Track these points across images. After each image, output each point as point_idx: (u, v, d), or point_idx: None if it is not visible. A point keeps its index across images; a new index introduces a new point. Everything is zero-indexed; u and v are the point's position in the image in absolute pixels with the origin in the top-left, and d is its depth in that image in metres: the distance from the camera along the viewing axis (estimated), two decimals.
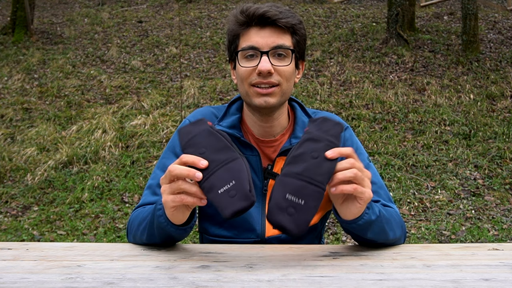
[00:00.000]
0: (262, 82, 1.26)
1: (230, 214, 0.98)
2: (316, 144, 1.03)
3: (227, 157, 1.02)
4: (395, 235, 1.23)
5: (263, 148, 1.38)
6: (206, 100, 6.73)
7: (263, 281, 0.91)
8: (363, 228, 1.12)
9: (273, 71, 1.25)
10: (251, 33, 1.27)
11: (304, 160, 1.02)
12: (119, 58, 8.58)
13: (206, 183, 1.00)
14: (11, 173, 5.30)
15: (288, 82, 1.29)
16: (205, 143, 1.04)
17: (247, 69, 1.27)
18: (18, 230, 4.21)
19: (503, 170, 5.04)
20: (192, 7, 11.37)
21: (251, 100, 1.29)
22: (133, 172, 5.15)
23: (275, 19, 1.25)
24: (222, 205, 0.98)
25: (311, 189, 1.00)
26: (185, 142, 1.06)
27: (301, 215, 1.00)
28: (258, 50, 1.26)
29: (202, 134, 1.05)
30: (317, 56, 8.05)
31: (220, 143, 1.04)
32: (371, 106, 6.45)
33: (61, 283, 0.89)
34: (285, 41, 1.27)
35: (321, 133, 1.05)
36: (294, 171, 1.01)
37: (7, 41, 9.43)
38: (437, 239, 3.93)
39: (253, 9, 1.26)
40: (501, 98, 6.65)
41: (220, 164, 1.01)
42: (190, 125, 1.09)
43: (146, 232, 1.19)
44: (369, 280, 0.91)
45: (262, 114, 1.33)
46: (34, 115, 6.66)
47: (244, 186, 0.99)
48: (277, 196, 1.01)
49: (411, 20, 8.83)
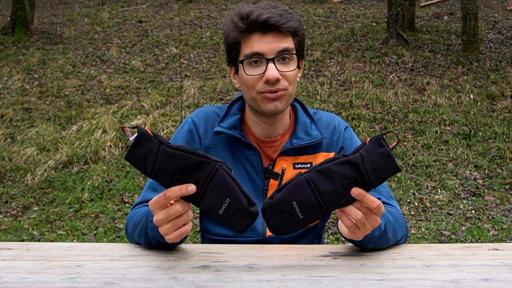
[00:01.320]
0: (270, 89, 1.25)
1: (243, 231, 0.97)
2: (356, 174, 0.96)
3: (206, 173, 0.95)
4: (396, 239, 1.22)
5: (264, 148, 1.39)
6: (206, 100, 6.73)
7: (263, 281, 0.91)
8: (364, 244, 1.10)
9: (280, 77, 1.25)
10: (253, 39, 1.25)
11: (334, 182, 0.96)
12: (119, 58, 8.58)
13: (202, 206, 0.96)
14: (11, 173, 5.30)
15: (294, 85, 1.30)
16: (174, 166, 0.94)
17: (254, 77, 1.26)
18: (18, 230, 4.20)
19: (503, 170, 5.04)
20: (192, 7, 11.37)
21: (260, 106, 1.29)
22: (133, 172, 5.15)
23: (278, 25, 1.23)
24: (230, 224, 0.97)
25: (317, 212, 0.97)
26: (150, 172, 0.94)
27: (292, 225, 0.98)
28: (263, 56, 1.24)
29: (161, 157, 0.94)
30: (317, 56, 8.05)
31: (189, 161, 0.95)
32: (371, 106, 6.45)
33: (61, 283, 0.89)
34: (289, 44, 1.26)
35: (371, 168, 0.96)
36: (318, 185, 0.96)
37: (7, 41, 9.43)
38: (437, 239, 3.93)
39: (255, 16, 1.23)
40: (501, 98, 6.65)
41: (205, 184, 0.95)
42: (135, 149, 0.94)
43: (143, 238, 1.18)
44: (369, 280, 0.91)
45: (268, 117, 1.33)
46: (34, 115, 6.66)
47: (241, 202, 0.95)
48: (285, 196, 0.98)
49: (411, 20, 8.83)
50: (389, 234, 1.15)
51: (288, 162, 1.36)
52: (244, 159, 1.36)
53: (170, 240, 1.01)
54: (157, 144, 0.94)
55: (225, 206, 0.95)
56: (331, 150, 1.40)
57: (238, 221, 0.96)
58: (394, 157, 0.97)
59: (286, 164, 1.36)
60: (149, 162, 0.94)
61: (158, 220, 0.98)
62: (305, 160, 1.38)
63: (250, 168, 1.36)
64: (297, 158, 1.37)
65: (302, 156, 1.37)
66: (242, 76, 1.29)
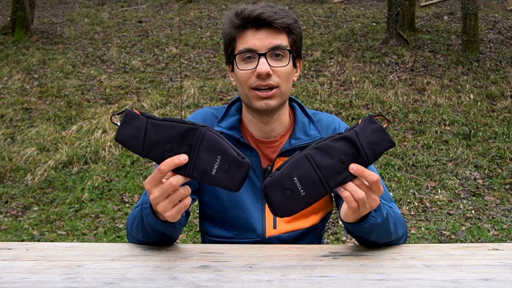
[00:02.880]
0: (261, 84, 1.26)
1: (237, 187, 0.97)
2: (352, 150, 0.99)
3: (196, 138, 0.96)
4: (397, 235, 1.23)
5: (263, 149, 1.38)
6: (206, 100, 6.73)
7: (263, 281, 0.91)
8: (367, 232, 1.11)
9: (272, 72, 1.26)
10: (247, 35, 1.27)
11: (332, 157, 0.98)
12: (119, 58, 8.58)
13: (195, 172, 0.96)
14: (11, 173, 5.30)
15: (287, 83, 1.30)
16: (164, 136, 0.96)
17: (246, 71, 1.27)
18: (18, 230, 4.21)
19: (503, 170, 5.04)
20: (192, 7, 11.37)
21: (252, 103, 1.29)
22: (133, 172, 5.15)
23: (271, 20, 1.25)
24: (224, 184, 0.97)
25: (319, 188, 0.98)
26: (141, 148, 0.96)
27: (294, 203, 0.98)
28: (256, 52, 1.26)
29: (150, 130, 0.96)
30: (317, 56, 8.05)
31: (178, 129, 0.96)
32: (371, 106, 6.45)
33: (61, 283, 0.89)
34: (282, 41, 1.27)
35: (367, 142, 0.99)
36: (318, 161, 0.98)
37: (7, 41, 9.43)
38: (437, 239, 3.93)
39: (248, 12, 1.25)
40: (501, 98, 6.65)
41: (195, 148, 0.96)
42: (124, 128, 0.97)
43: (140, 231, 1.19)
44: (369, 280, 0.91)
45: (263, 115, 1.33)
46: (34, 115, 6.66)
47: (232, 155, 0.96)
48: (286, 172, 0.98)
49: (411, 20, 8.83)
50: (391, 225, 1.17)
51: None
52: None
53: (170, 217, 1.01)
54: (145, 119, 0.97)
55: (217, 164, 0.96)
56: None
57: (232, 176, 0.96)
58: (387, 132, 1.01)
59: None
60: (139, 138, 0.96)
61: (155, 197, 0.99)
62: None
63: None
64: None
65: None
66: (236, 72, 1.30)
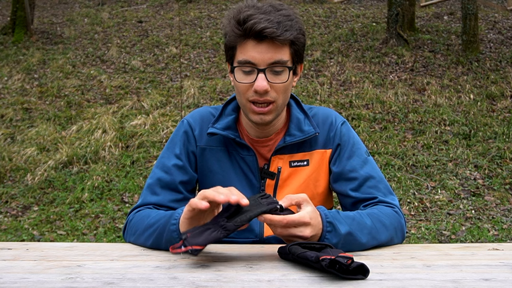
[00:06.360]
0: (258, 99, 1.25)
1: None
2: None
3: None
4: (377, 240, 1.20)
5: (258, 148, 1.38)
6: (206, 100, 6.73)
7: (263, 281, 0.91)
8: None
9: (270, 88, 1.24)
10: (248, 46, 1.23)
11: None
12: (119, 58, 8.58)
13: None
14: (11, 173, 5.30)
15: (285, 95, 1.29)
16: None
17: (245, 84, 1.26)
18: (18, 230, 4.21)
19: (503, 170, 5.04)
20: (192, 7, 11.37)
21: (248, 114, 1.30)
22: (133, 172, 5.15)
23: (274, 37, 1.20)
24: None
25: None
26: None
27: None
28: (255, 66, 1.23)
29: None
30: (317, 56, 8.05)
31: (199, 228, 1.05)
32: (371, 106, 6.45)
33: (61, 283, 0.89)
34: (283, 55, 1.24)
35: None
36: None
37: (7, 41, 9.43)
38: (437, 239, 3.93)
39: (250, 24, 1.20)
40: (501, 98, 6.65)
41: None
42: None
43: (153, 239, 1.19)
44: (369, 280, 0.91)
45: (258, 126, 1.34)
46: (34, 115, 6.66)
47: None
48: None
49: (411, 20, 8.82)
50: (361, 238, 1.15)
51: (284, 161, 1.36)
52: (240, 160, 1.36)
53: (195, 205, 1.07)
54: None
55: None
56: (328, 147, 1.38)
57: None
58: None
59: (282, 163, 1.36)
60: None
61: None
62: (302, 157, 1.36)
63: (246, 168, 1.36)
64: (293, 156, 1.36)
65: (298, 153, 1.36)
66: (235, 82, 1.30)
